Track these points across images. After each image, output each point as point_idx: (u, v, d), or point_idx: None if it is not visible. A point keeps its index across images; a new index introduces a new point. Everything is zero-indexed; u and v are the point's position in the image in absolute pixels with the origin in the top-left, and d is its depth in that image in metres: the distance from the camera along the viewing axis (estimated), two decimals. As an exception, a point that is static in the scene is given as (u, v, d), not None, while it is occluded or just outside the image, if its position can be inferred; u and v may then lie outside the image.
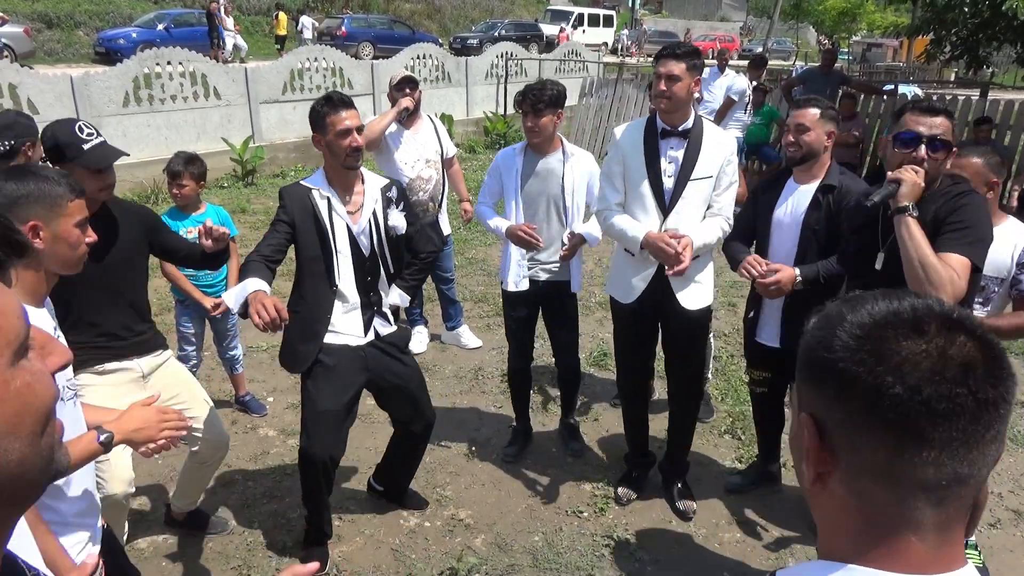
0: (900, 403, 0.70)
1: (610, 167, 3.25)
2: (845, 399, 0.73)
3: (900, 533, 0.73)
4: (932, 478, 0.71)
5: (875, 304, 0.75)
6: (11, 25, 17.94)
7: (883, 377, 0.70)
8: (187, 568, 3.13)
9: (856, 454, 0.73)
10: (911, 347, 0.71)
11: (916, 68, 24.09)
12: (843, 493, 0.76)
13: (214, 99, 9.89)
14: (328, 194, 2.88)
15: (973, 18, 9.95)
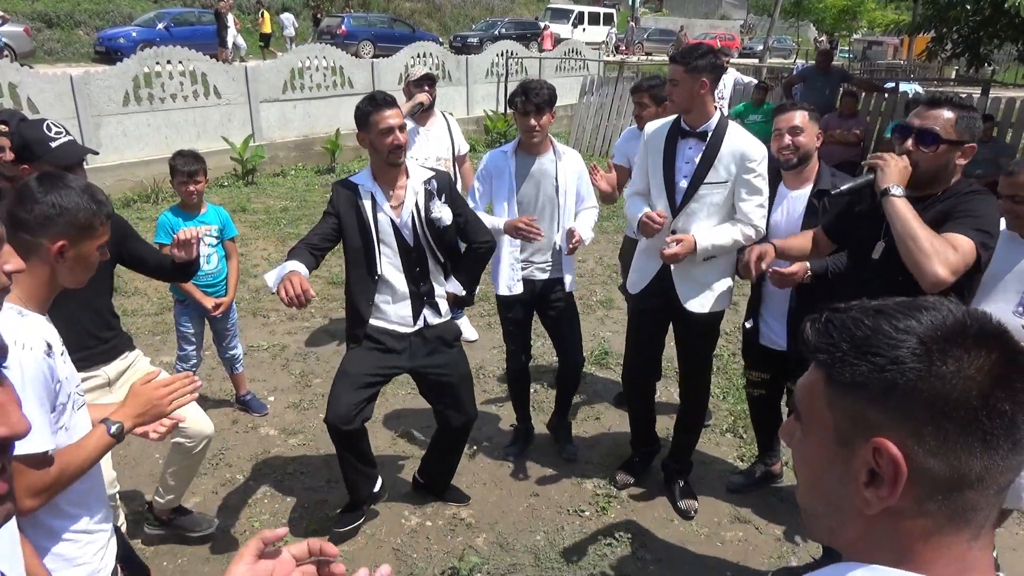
0: (1004, 416, 0.70)
1: (639, 161, 3.33)
2: (941, 419, 0.71)
3: (962, 539, 0.73)
4: (1007, 481, 0.73)
5: (928, 315, 0.74)
6: (11, 24, 17.93)
7: (983, 391, 0.70)
8: (188, 568, 3.12)
9: (947, 469, 0.71)
10: (990, 359, 0.71)
11: (917, 66, 24.06)
12: (910, 510, 0.73)
13: (214, 98, 9.88)
14: (372, 190, 2.99)
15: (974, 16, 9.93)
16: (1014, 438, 0.70)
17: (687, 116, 3.10)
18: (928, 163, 2.31)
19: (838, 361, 0.76)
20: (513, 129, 12.94)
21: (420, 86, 4.69)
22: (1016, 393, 0.70)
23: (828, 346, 0.78)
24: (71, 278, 1.81)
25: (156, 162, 8.62)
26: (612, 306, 6.00)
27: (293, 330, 5.45)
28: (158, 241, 3.86)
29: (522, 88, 3.47)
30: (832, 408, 0.77)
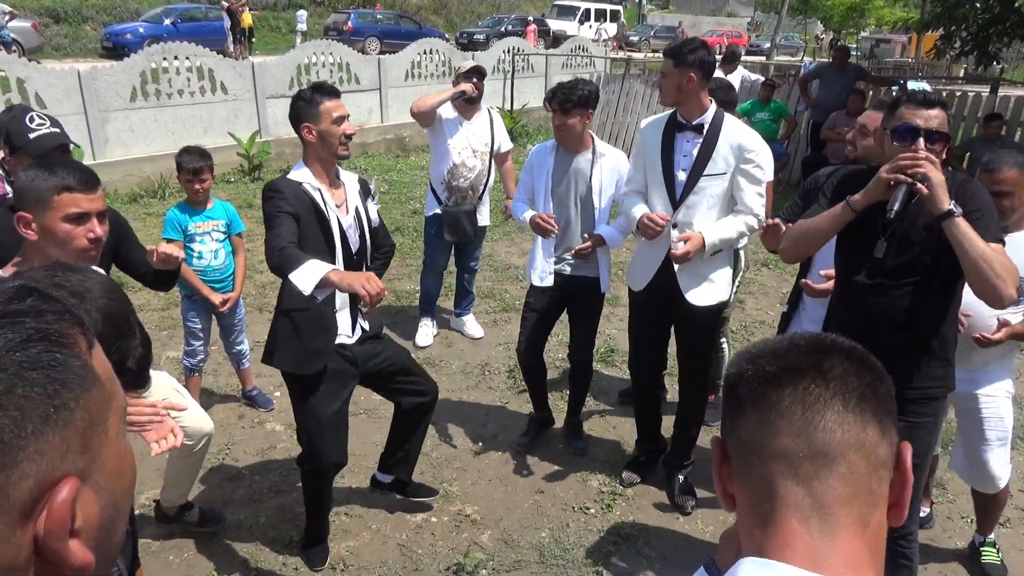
0: (752, 381, 0.81)
1: (635, 157, 3.36)
2: (729, 403, 0.84)
3: (780, 515, 0.75)
4: (789, 448, 0.76)
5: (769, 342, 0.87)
6: (19, 20, 17.98)
7: (745, 370, 0.83)
8: (194, 562, 3.14)
9: (736, 446, 0.81)
10: (780, 352, 0.83)
11: (925, 64, 23.96)
12: (738, 495, 0.82)
13: (221, 94, 9.89)
14: (319, 186, 2.76)
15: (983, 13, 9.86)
16: (763, 398, 0.79)
17: (682, 110, 3.13)
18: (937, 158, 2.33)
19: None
20: (519, 126, 12.93)
21: (469, 78, 4.77)
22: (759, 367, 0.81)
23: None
24: (58, 254, 1.93)
25: (163, 158, 8.64)
26: (618, 303, 5.99)
27: (299, 326, 5.45)
28: (165, 236, 3.87)
29: (555, 88, 3.52)
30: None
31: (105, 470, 0.57)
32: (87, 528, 0.55)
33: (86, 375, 0.55)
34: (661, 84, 3.11)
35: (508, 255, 7.15)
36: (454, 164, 4.79)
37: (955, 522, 3.51)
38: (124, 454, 0.61)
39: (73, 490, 0.52)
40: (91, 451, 0.55)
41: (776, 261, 6.79)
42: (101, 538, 0.57)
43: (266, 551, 3.20)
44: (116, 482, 0.58)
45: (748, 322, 5.71)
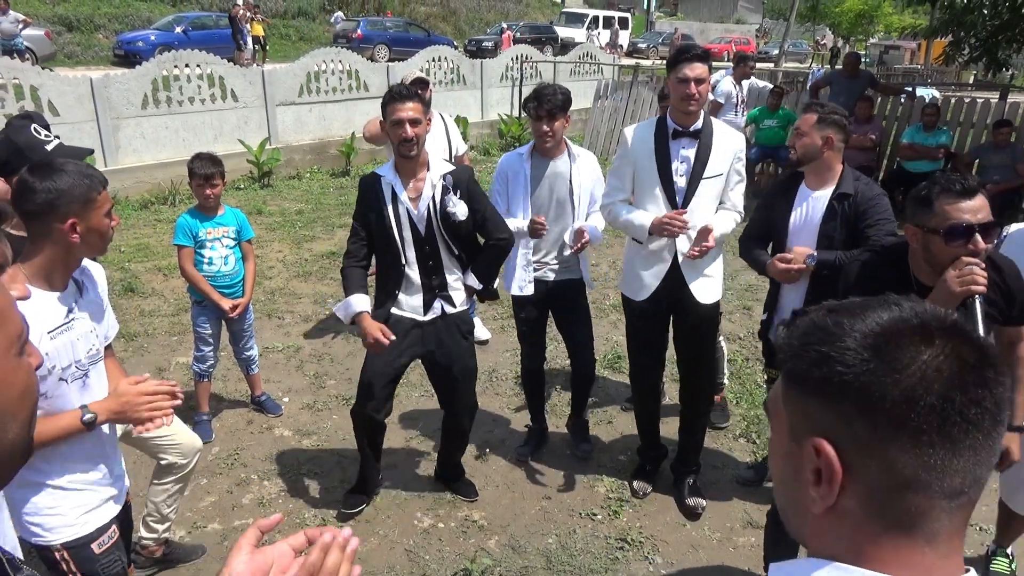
0: (933, 412, 0.69)
1: (619, 166, 3.33)
2: (871, 413, 0.70)
3: (915, 545, 0.72)
4: (959, 485, 0.70)
5: (876, 312, 0.74)
6: (32, 28, 18.15)
7: (912, 387, 0.69)
8: (202, 566, 3.15)
9: (883, 469, 0.71)
10: (930, 355, 0.70)
11: (934, 70, 23.89)
12: (855, 510, 0.73)
13: (231, 101, 9.97)
14: (392, 181, 3.08)
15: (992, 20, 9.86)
16: (949, 436, 0.69)
17: (685, 117, 3.14)
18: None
19: (790, 357, 0.78)
20: (527, 133, 12.96)
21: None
22: (950, 391, 0.69)
23: (786, 343, 0.79)
24: (89, 250, 2.00)
25: (174, 164, 8.71)
26: (625, 310, 5.99)
27: (308, 332, 5.49)
28: (177, 243, 3.91)
29: (535, 93, 3.50)
30: (785, 403, 0.79)
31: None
32: None
33: None
34: (700, 89, 3.04)
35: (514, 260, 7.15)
36: None
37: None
38: (12, 371, 0.73)
39: None
40: None
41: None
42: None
43: (274, 555, 3.21)
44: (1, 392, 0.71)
45: (755, 328, 5.70)
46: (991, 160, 8.23)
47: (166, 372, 4.83)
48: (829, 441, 0.73)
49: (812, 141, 3.10)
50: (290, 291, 6.24)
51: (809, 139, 3.10)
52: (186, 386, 4.53)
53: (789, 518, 0.82)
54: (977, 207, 2.14)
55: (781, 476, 0.82)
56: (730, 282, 5.81)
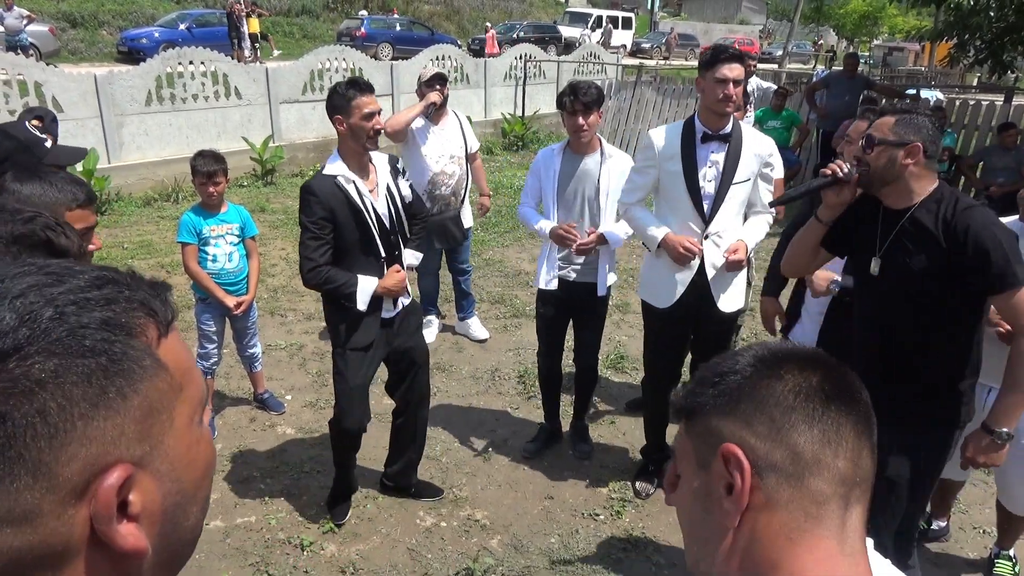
0: (813, 396, 0.79)
1: (643, 168, 3.25)
2: (766, 407, 0.79)
3: (820, 536, 0.76)
4: (850, 472, 0.77)
5: (752, 349, 0.85)
6: (36, 24, 18.17)
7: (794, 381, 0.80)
8: (205, 564, 3.15)
9: (788, 455, 0.77)
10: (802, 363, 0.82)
11: (938, 72, 23.86)
12: (762, 509, 0.78)
13: (235, 99, 9.97)
14: (352, 177, 2.99)
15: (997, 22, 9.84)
16: (832, 419, 0.78)
17: (718, 120, 3.07)
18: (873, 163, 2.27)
19: (687, 397, 0.86)
20: (531, 132, 12.96)
21: (432, 86, 4.78)
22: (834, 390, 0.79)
23: (683, 392, 0.87)
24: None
25: (177, 161, 8.71)
26: (628, 310, 5.99)
27: (310, 330, 5.49)
28: (181, 240, 3.91)
29: (571, 88, 3.49)
30: (689, 437, 0.85)
31: (168, 458, 0.59)
32: (147, 514, 0.57)
33: (147, 364, 0.57)
34: (737, 91, 2.95)
35: (519, 260, 7.17)
36: (434, 173, 4.79)
37: (967, 533, 3.49)
38: (195, 443, 0.62)
39: (122, 476, 0.54)
40: (151, 439, 0.57)
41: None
42: (166, 525, 0.59)
43: (277, 553, 3.22)
44: (183, 471, 0.60)
45: (761, 331, 5.70)
46: (996, 162, 8.22)
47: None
48: (732, 442, 0.80)
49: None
50: (293, 289, 6.24)
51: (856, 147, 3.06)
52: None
53: (700, 566, 0.84)
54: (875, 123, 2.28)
55: (690, 518, 0.85)
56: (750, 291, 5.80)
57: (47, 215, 1.30)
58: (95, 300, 0.57)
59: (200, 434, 0.64)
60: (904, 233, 2.27)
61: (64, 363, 0.53)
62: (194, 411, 0.63)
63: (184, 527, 0.62)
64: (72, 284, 0.57)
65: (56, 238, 1.27)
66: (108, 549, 0.55)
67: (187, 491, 0.61)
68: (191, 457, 0.61)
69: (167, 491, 0.59)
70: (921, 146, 2.20)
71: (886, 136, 2.23)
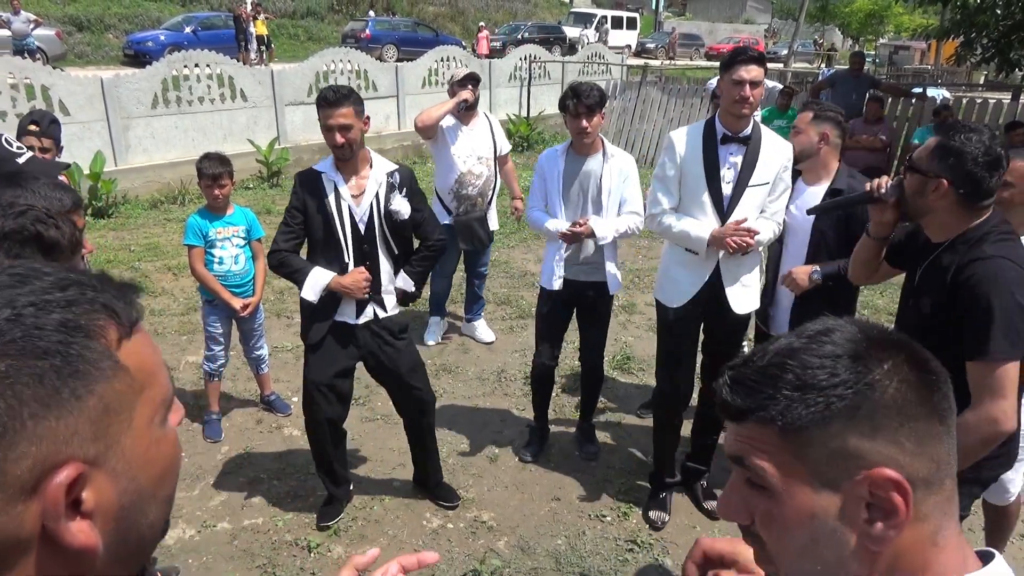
0: (946, 399, 0.75)
1: (665, 172, 3.21)
2: (908, 418, 0.72)
3: (954, 527, 0.75)
4: (952, 466, 0.75)
5: (842, 333, 0.76)
6: (43, 28, 18.26)
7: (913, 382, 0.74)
8: (212, 565, 3.16)
9: (930, 465, 0.74)
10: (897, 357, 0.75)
11: (945, 71, 23.77)
12: (907, 524, 0.72)
13: (240, 101, 10.00)
14: (334, 179, 3.02)
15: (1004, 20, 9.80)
16: (942, 414, 0.74)
17: (737, 121, 3.05)
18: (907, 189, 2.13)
19: (784, 409, 0.73)
20: (535, 133, 12.95)
21: (464, 85, 4.82)
22: (929, 377, 0.75)
23: (765, 400, 0.75)
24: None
25: (183, 164, 8.74)
26: (635, 311, 5.98)
27: (317, 331, 5.49)
28: (187, 243, 3.92)
29: (572, 91, 3.48)
30: (800, 458, 0.74)
31: (125, 457, 0.59)
32: (101, 512, 0.58)
33: (105, 366, 0.58)
34: (754, 92, 2.92)
35: (524, 262, 7.16)
36: (461, 173, 4.82)
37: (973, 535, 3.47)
38: (156, 443, 0.63)
39: (72, 475, 0.55)
40: (107, 438, 0.58)
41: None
42: (122, 523, 0.60)
43: (284, 555, 3.22)
44: (141, 470, 0.61)
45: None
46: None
47: (176, 371, 4.85)
48: (884, 466, 0.71)
49: (808, 138, 3.14)
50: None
51: (806, 136, 3.14)
52: (196, 385, 4.55)
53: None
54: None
55: (809, 540, 0.75)
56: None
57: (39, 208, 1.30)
58: (56, 302, 0.58)
59: (162, 434, 0.64)
60: (928, 270, 2.14)
61: (16, 364, 0.54)
62: (155, 412, 0.63)
63: (142, 524, 0.62)
64: (35, 286, 0.58)
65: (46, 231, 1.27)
66: (59, 546, 0.56)
67: (145, 490, 0.61)
68: (150, 457, 0.62)
69: (123, 489, 0.59)
70: (946, 183, 1.99)
71: (919, 164, 2.05)
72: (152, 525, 0.64)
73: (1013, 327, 1.91)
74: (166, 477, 0.65)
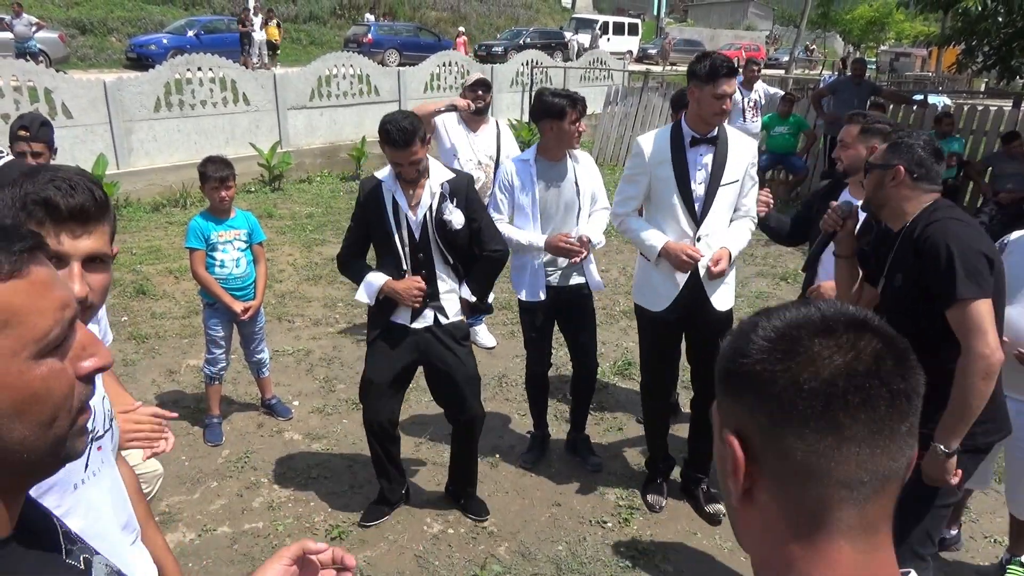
0: (817, 396, 0.71)
1: (634, 175, 3.28)
2: (765, 401, 0.73)
3: (830, 537, 0.73)
4: (854, 475, 0.71)
5: (787, 311, 0.77)
6: (47, 31, 18.30)
7: (799, 373, 0.72)
8: (213, 570, 3.15)
9: (780, 458, 0.73)
10: (823, 344, 0.72)
11: (946, 78, 23.79)
12: (769, 503, 0.75)
13: (243, 105, 10.02)
14: (392, 189, 3.08)
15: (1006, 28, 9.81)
16: (834, 422, 0.70)
17: (705, 126, 3.13)
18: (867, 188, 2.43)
19: (719, 359, 0.81)
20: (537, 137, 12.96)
21: (474, 91, 4.87)
22: (836, 378, 0.71)
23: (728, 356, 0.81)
24: None
25: (185, 167, 8.75)
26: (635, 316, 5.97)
27: (318, 335, 5.50)
28: (189, 246, 3.92)
29: (572, 95, 3.53)
30: (716, 404, 0.82)
31: None
32: None
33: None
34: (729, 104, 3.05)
35: (526, 267, 7.15)
36: None
37: (978, 542, 3.47)
38: (17, 373, 0.72)
39: None
40: None
41: (795, 276, 6.75)
42: None
43: (284, 560, 3.21)
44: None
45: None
46: (1004, 168, 8.17)
47: (177, 374, 4.84)
48: (740, 434, 0.76)
49: (857, 152, 3.09)
50: (300, 295, 6.26)
51: (854, 150, 3.11)
52: (197, 388, 4.54)
53: (727, 502, 0.82)
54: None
55: (720, 465, 0.82)
56: (741, 289, 5.78)
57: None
58: None
59: (27, 367, 0.73)
60: (895, 254, 2.36)
61: None
62: (22, 347, 0.72)
63: (8, 439, 0.72)
64: None
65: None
66: None
67: (1, 409, 0.71)
68: (5, 382, 0.71)
69: None
70: (903, 168, 2.30)
71: (877, 160, 2.36)
72: (22, 442, 0.73)
73: (973, 268, 2.13)
74: (29, 404, 0.73)
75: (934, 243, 2.18)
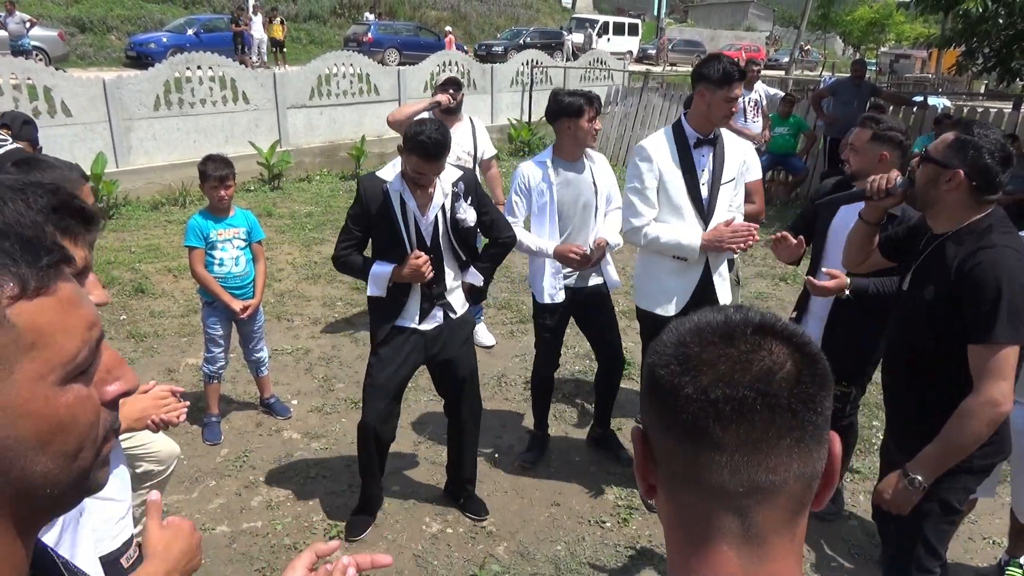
0: (690, 403, 0.70)
1: (643, 182, 3.22)
2: (654, 401, 0.74)
3: (714, 542, 0.72)
4: (728, 484, 0.70)
5: (699, 315, 0.77)
6: (46, 29, 18.28)
7: (680, 378, 0.71)
8: (210, 569, 3.15)
9: (667, 460, 0.74)
10: (713, 352, 0.72)
11: (946, 80, 23.80)
12: (666, 503, 0.77)
13: (242, 103, 10.00)
14: (400, 190, 3.03)
15: (1006, 30, 9.82)
16: (704, 431, 0.70)
17: (704, 126, 3.18)
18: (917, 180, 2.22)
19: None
20: (537, 138, 12.96)
21: (445, 89, 4.86)
22: (711, 386, 0.70)
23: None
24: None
25: (185, 166, 8.74)
26: (634, 316, 5.97)
27: (317, 334, 5.49)
28: (188, 244, 3.91)
29: (590, 95, 3.54)
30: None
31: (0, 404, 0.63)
32: None
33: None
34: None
35: (524, 266, 7.14)
36: None
37: (977, 543, 3.47)
38: (43, 399, 0.65)
39: None
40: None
41: (794, 276, 6.75)
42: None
43: (283, 559, 3.21)
44: (19, 419, 0.63)
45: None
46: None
47: (176, 373, 4.84)
48: (645, 432, 0.78)
49: (867, 159, 3.05)
50: (299, 293, 6.25)
51: (864, 156, 3.06)
52: (195, 387, 4.54)
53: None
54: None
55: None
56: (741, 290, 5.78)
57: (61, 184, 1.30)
58: None
59: (54, 393, 0.65)
60: (928, 259, 2.20)
61: None
62: (49, 371, 0.65)
63: (27, 470, 0.64)
64: None
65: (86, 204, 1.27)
66: None
67: (24, 439, 0.64)
68: (31, 410, 0.64)
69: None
70: (963, 174, 2.08)
71: (936, 155, 2.13)
72: (45, 475, 0.65)
73: (1018, 312, 1.98)
74: (56, 434, 0.66)
75: (983, 273, 2.01)
